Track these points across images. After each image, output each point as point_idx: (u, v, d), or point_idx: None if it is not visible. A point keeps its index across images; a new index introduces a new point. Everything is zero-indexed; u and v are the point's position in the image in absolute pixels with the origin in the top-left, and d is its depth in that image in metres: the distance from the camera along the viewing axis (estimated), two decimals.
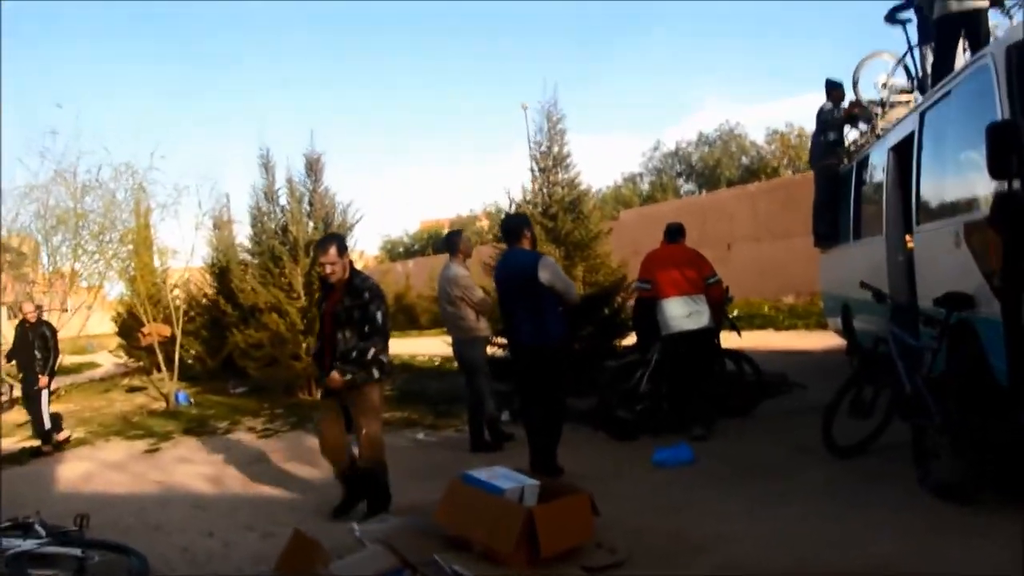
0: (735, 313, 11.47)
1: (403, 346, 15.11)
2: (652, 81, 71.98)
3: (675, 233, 6.37)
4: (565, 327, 5.02)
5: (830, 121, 7.93)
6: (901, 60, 7.62)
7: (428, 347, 15.69)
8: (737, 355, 6.73)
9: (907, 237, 5.98)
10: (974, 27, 6.07)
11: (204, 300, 13.12)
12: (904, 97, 7.69)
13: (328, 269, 4.46)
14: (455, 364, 13.18)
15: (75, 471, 6.87)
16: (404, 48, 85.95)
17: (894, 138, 5.93)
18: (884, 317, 6.06)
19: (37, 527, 4.14)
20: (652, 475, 5.16)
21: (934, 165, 4.84)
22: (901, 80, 7.90)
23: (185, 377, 12.10)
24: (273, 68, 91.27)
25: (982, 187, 4.13)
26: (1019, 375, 3.46)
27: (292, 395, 10.30)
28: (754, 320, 14.13)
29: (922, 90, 7.36)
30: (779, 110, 67.28)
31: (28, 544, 3.91)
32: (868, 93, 7.92)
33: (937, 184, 4.79)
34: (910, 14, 7.49)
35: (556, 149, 9.12)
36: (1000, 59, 3.77)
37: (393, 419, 8.28)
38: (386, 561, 3.46)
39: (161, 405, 10.59)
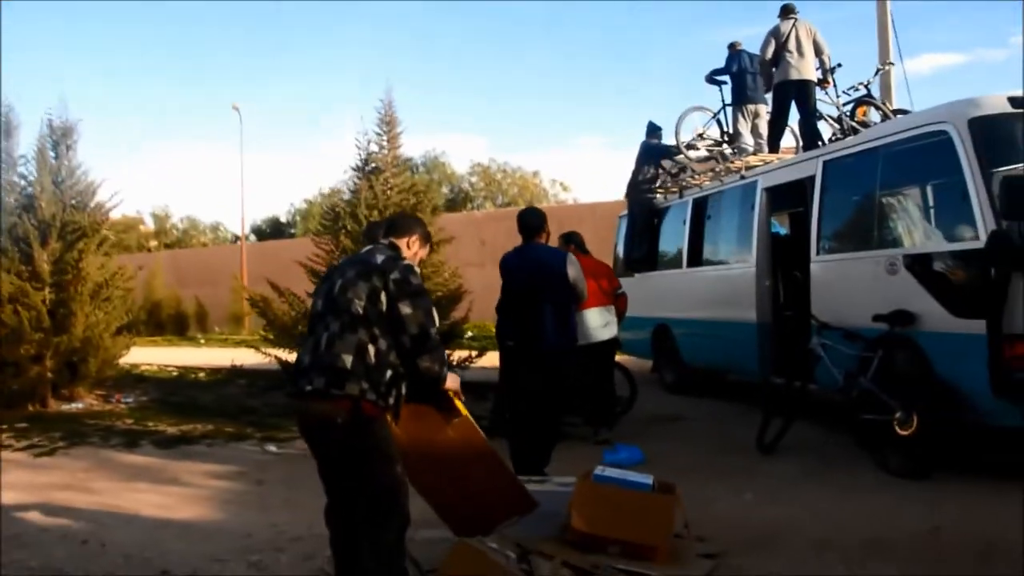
0: (469, 334, 11.78)
1: None
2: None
3: (582, 244, 6.52)
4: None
5: (661, 153, 8.86)
6: (715, 116, 8.88)
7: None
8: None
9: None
10: (804, 94, 7.47)
11: None
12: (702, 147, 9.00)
13: None
14: (199, 374, 11.51)
15: None
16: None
17: (769, 181, 6.90)
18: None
19: None
20: None
21: (847, 206, 5.83)
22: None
23: None
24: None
25: (913, 226, 5.19)
26: (998, 379, 4.34)
27: (18, 407, 8.10)
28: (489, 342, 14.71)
29: (731, 142, 8.66)
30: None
31: None
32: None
33: (852, 222, 5.78)
34: (726, 77, 8.80)
35: (390, 152, 8.71)
36: (963, 128, 4.71)
37: (208, 431, 7.21)
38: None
39: None
